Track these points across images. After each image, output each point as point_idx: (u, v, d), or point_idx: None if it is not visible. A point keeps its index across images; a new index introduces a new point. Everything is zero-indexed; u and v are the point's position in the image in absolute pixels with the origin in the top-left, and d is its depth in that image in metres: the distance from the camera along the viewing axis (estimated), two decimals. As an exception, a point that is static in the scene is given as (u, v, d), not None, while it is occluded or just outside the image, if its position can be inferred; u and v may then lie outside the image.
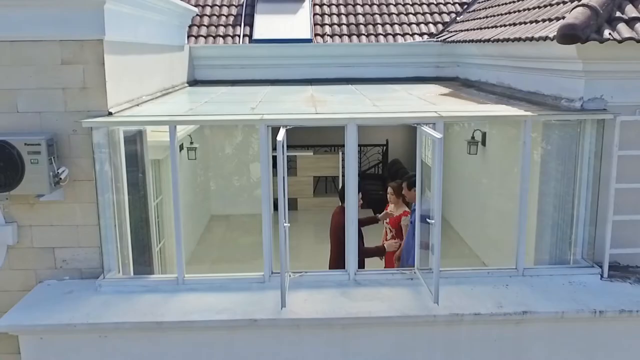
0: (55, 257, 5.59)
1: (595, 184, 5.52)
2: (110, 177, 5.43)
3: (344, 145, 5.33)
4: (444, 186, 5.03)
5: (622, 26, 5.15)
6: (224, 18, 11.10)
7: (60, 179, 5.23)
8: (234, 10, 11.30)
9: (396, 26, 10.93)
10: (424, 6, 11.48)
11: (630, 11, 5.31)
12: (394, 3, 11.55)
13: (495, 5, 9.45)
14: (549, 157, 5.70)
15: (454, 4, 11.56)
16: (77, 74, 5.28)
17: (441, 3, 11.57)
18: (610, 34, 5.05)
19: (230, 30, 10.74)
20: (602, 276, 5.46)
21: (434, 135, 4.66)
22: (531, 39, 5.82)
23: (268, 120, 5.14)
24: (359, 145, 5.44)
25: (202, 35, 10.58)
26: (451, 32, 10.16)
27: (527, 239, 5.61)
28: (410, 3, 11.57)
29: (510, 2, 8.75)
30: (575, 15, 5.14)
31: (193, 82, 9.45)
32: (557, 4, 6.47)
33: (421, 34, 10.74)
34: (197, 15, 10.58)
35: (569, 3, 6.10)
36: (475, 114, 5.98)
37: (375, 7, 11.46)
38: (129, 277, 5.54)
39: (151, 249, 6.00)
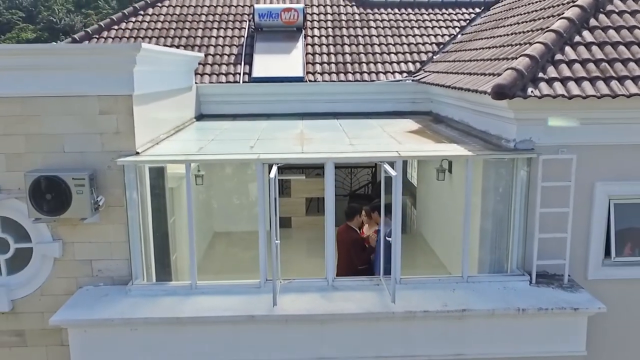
0: (92, 267, 6.95)
1: (526, 209, 6.90)
2: (137, 203, 6.80)
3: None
4: (422, 205, 6.38)
5: (543, 85, 6.57)
6: (226, 57, 12.52)
7: (99, 205, 6.62)
8: (235, 50, 12.74)
9: (379, 65, 12.36)
10: (405, 46, 12.91)
11: (551, 72, 6.73)
12: (377, 43, 12.99)
13: (462, 50, 10.90)
14: (490, 186, 7.09)
15: (431, 44, 13.00)
16: (112, 122, 6.68)
17: (420, 43, 13.01)
18: (532, 91, 6.46)
19: (232, 69, 12.17)
20: (530, 282, 6.82)
21: (391, 173, 6.05)
22: (475, 91, 7.24)
23: (263, 159, 6.54)
24: (350, 167, 6.82)
25: (206, 74, 11.99)
26: (426, 71, 11.59)
27: (471, 253, 6.98)
28: (393, 43, 13.00)
29: (473, 49, 10.20)
30: (504, 76, 6.56)
31: (200, 117, 10.87)
32: (504, 59, 7.89)
33: (401, 72, 12.17)
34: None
35: (511, 60, 7.50)
36: (427, 154, 7.38)
37: (361, 46, 12.89)
38: (152, 283, 6.91)
39: (169, 261, 7.37)
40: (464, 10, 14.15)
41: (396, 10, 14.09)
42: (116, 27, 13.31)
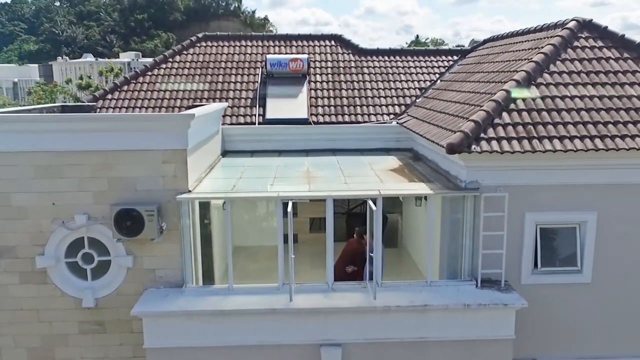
0: (155, 274, 9.46)
1: (472, 231, 9.43)
2: (189, 227, 9.33)
3: (325, 210, 9.24)
4: (406, 223, 8.85)
5: (483, 143, 9.11)
6: (243, 100, 15.08)
7: (163, 229, 9.14)
8: (250, 94, 15.29)
9: (370, 107, 14.92)
10: (392, 90, 15.48)
11: (490, 133, 9.28)
12: (370, 88, 15.56)
13: (437, 99, 13.47)
14: (447, 214, 9.63)
15: (414, 88, 15.57)
16: (171, 168, 9.20)
17: (405, 88, 15.57)
18: (474, 148, 9.00)
19: (248, 111, 14.72)
20: (476, 286, 9.33)
21: (373, 208, 8.58)
22: (437, 144, 9.80)
23: (282, 197, 9.08)
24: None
25: (228, 115, 14.53)
26: (409, 115, 14.14)
27: (434, 264, 9.51)
28: (382, 88, 15.57)
29: (444, 100, 12.77)
30: (455, 137, 9.11)
31: (224, 153, 13.40)
32: (462, 117, 10.43)
33: (389, 114, 14.72)
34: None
35: (465, 120, 10.02)
36: (400, 192, 9.91)
37: (356, 91, 15.46)
38: (199, 286, 9.42)
39: (213, 269, 9.89)
40: (443, 57, 16.74)
41: (386, 58, 16.67)
42: (150, 72, 15.86)
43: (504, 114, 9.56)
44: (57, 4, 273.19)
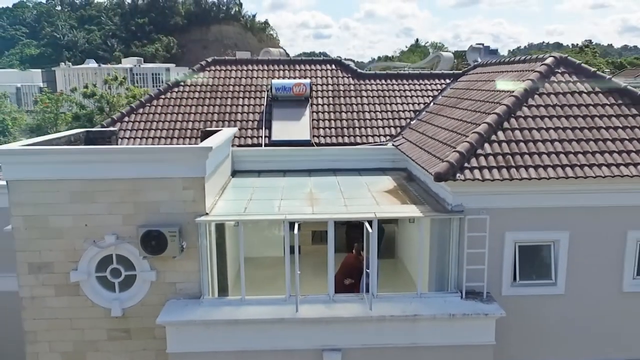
0: (176, 287, 10.65)
1: (458, 249, 10.62)
2: (206, 246, 10.52)
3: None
4: (401, 237, 10.03)
5: (467, 172, 10.30)
6: (250, 123, 16.27)
7: (183, 247, 10.34)
8: (257, 116, 16.48)
9: (368, 129, 16.12)
10: (389, 113, 16.68)
11: (473, 162, 10.47)
12: (368, 110, 16.75)
13: (429, 123, 14.66)
14: (435, 234, 10.82)
15: (409, 111, 16.77)
16: (190, 194, 10.40)
17: (400, 110, 16.77)
18: (459, 176, 10.20)
19: (255, 133, 15.91)
20: (461, 297, 10.51)
21: (369, 229, 9.78)
22: (427, 170, 11.00)
23: (289, 219, 10.27)
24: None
25: (236, 137, 15.71)
26: (403, 137, 15.33)
27: (424, 278, 10.69)
28: (379, 110, 16.78)
29: (435, 126, 13.96)
30: (442, 166, 10.31)
31: (234, 173, 14.59)
32: (449, 145, 11.63)
33: (385, 135, 15.92)
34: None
35: (452, 148, 11.22)
36: (393, 215, 11.12)
37: (355, 113, 16.66)
38: (215, 298, 10.61)
39: (226, 282, 11.07)
40: (436, 80, 17.95)
41: (383, 81, 17.87)
42: (163, 96, 17.07)
43: (486, 145, 10.76)
44: (59, 8, 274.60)
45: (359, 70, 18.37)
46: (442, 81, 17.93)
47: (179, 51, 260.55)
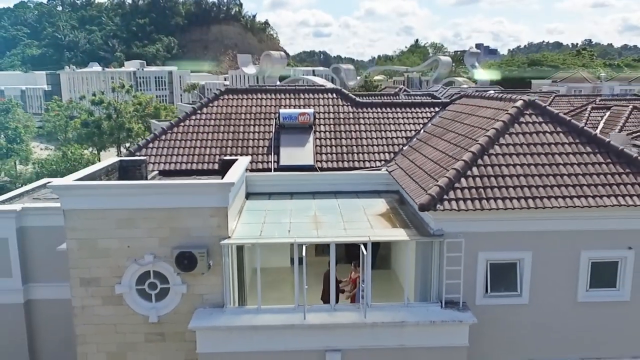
0: (203, 298, 12.76)
1: (439, 267, 12.71)
2: (229, 263, 12.64)
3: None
4: (394, 251, 12.14)
5: (446, 203, 12.42)
6: (260, 149, 18.36)
7: (210, 265, 12.45)
8: (267, 143, 18.57)
9: (365, 154, 18.21)
10: (383, 139, 18.78)
11: (451, 195, 12.58)
12: (365, 137, 18.84)
13: (418, 152, 16.75)
14: (420, 253, 12.94)
15: (402, 137, 18.86)
16: (216, 220, 12.51)
17: (394, 137, 18.86)
18: (438, 207, 12.31)
19: (265, 158, 18.00)
20: (441, 307, 12.63)
21: (364, 251, 11.90)
22: (413, 200, 13.11)
23: (298, 242, 12.38)
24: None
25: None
26: (396, 163, 17.41)
27: (411, 290, 12.82)
28: (375, 137, 18.87)
29: (423, 155, 16.06)
30: (425, 198, 12.43)
31: (248, 195, 16.68)
32: (432, 177, 13.73)
33: (380, 160, 18.01)
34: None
35: (435, 182, 13.32)
36: (384, 239, 13.24)
37: (353, 140, 18.75)
38: (236, 307, 12.74)
39: (245, 294, 13.18)
40: (426, 109, 20.04)
41: (378, 109, 19.97)
42: (182, 123, 19.15)
43: (463, 180, 12.87)
44: (60, 8, 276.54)
45: (357, 99, 20.44)
46: (432, 109, 20.02)
47: (180, 51, 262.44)
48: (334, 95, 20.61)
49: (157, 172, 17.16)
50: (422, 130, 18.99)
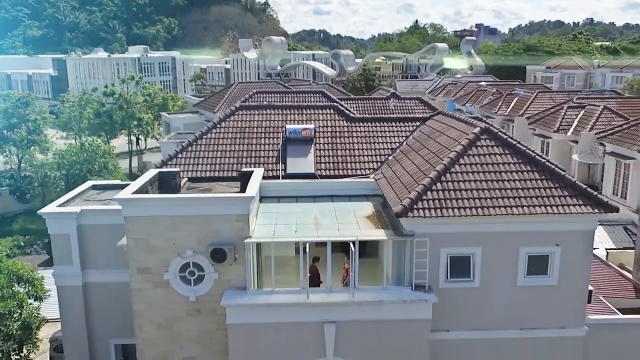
0: (230, 282, 16.78)
1: (411, 259, 16.70)
2: (250, 257, 16.62)
3: (326, 247, 16.55)
4: (380, 243, 16.19)
5: (415, 211, 16.36)
6: (270, 159, 22.22)
7: (236, 258, 16.45)
8: (275, 154, 22.40)
9: (357, 164, 22.08)
10: (373, 151, 22.62)
11: (420, 205, 16.50)
12: (357, 148, 22.68)
13: (399, 163, 20.63)
14: (396, 249, 16.95)
15: (388, 149, 22.71)
16: (240, 224, 16.48)
17: (381, 148, 22.71)
18: (409, 214, 16.26)
19: (274, 167, 21.85)
20: (412, 289, 16.64)
21: (352, 249, 15.88)
22: (391, 208, 17.06)
23: (303, 240, 16.35)
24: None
25: (261, 169, 21.66)
26: (382, 172, 21.28)
27: (389, 276, 16.85)
28: (366, 148, 22.71)
29: (402, 167, 19.94)
30: (399, 207, 16.38)
31: (261, 198, 20.58)
32: (407, 188, 17.63)
33: (369, 168, 21.87)
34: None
35: (408, 193, 17.22)
36: (366, 238, 17.17)
37: (347, 150, 22.61)
38: (255, 289, 16.77)
39: (262, 279, 17.22)
40: (409, 123, 23.88)
41: (369, 124, 23.80)
42: (205, 137, 22.99)
43: (429, 193, 16.79)
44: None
45: (351, 114, 24.26)
46: (414, 124, 23.84)
47: (180, 32, 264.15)
48: (332, 111, 24.43)
49: (186, 178, 21.09)
50: (404, 143, 22.84)
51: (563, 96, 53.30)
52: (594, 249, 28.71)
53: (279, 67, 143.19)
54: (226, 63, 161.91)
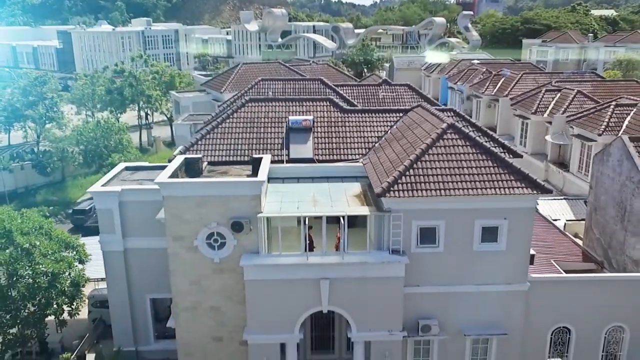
0: (246, 248, 21.28)
1: (389, 229, 21.17)
2: (262, 228, 21.10)
3: (322, 220, 21.04)
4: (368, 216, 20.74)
5: (392, 192, 20.78)
6: (276, 146, 26.49)
7: (251, 229, 20.94)
8: (280, 141, 26.64)
9: (349, 149, 26.35)
10: (361, 138, 26.84)
11: (396, 187, 20.90)
12: (349, 136, 26.91)
13: (383, 151, 24.95)
14: (377, 222, 21.41)
15: (375, 137, 26.90)
16: (253, 202, 20.91)
17: (369, 136, 26.93)
18: (388, 195, 20.68)
19: (279, 152, 26.13)
20: (389, 253, 21.14)
21: (342, 223, 20.35)
22: (374, 189, 21.49)
23: (303, 215, 20.80)
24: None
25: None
26: (369, 157, 25.58)
27: (372, 242, 21.38)
28: (356, 136, 26.96)
29: (384, 154, 24.27)
30: (380, 188, 20.79)
31: (269, 179, 24.92)
32: (386, 173, 22.01)
33: (359, 154, 26.16)
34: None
35: (387, 177, 21.59)
36: (354, 213, 21.58)
37: (340, 139, 26.85)
38: (266, 253, 21.30)
39: (271, 245, 21.75)
40: (393, 114, 28.11)
41: (359, 115, 28.03)
42: (220, 126, 27.24)
43: (403, 177, 21.16)
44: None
45: (344, 106, 28.46)
46: (397, 115, 28.06)
47: (180, 0, 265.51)
48: (327, 103, 28.64)
49: (207, 162, 25.44)
50: (389, 132, 27.12)
51: (546, 77, 57.24)
52: (555, 220, 33.68)
53: (279, 40, 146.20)
54: (227, 34, 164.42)
